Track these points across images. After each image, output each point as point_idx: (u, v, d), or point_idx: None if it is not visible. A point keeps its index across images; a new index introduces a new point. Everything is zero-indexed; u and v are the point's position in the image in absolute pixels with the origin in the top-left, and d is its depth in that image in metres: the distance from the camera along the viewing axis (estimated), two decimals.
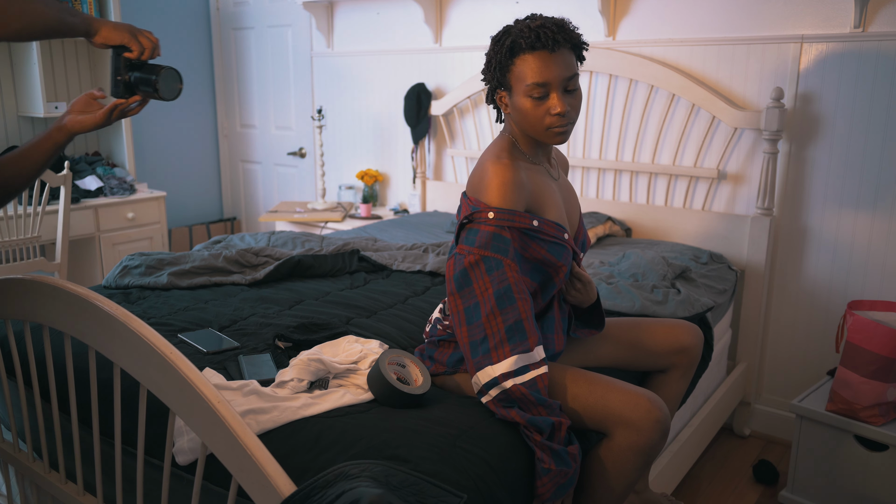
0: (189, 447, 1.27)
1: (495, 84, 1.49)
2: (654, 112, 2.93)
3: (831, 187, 2.59)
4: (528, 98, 1.42)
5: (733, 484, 2.50)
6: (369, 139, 3.96)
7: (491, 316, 1.36)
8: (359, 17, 3.84)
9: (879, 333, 2.09)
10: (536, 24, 1.40)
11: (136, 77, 1.37)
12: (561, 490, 1.30)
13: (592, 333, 1.68)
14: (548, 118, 1.43)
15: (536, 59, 1.40)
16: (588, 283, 1.59)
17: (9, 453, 1.53)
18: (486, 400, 1.37)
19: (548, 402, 1.34)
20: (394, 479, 1.03)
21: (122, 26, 1.34)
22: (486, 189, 1.42)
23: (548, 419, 1.31)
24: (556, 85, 1.41)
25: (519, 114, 1.46)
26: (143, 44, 1.36)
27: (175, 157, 4.57)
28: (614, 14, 2.98)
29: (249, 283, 2.30)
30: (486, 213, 1.40)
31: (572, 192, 1.64)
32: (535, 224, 1.44)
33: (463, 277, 1.40)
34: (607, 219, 2.94)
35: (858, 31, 2.44)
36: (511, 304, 1.37)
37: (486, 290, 1.37)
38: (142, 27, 1.63)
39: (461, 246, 1.42)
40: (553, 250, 1.47)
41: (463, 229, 1.45)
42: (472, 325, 1.38)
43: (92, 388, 1.25)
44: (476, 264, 1.39)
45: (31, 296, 1.25)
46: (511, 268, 1.39)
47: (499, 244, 1.39)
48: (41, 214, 3.16)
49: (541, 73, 1.40)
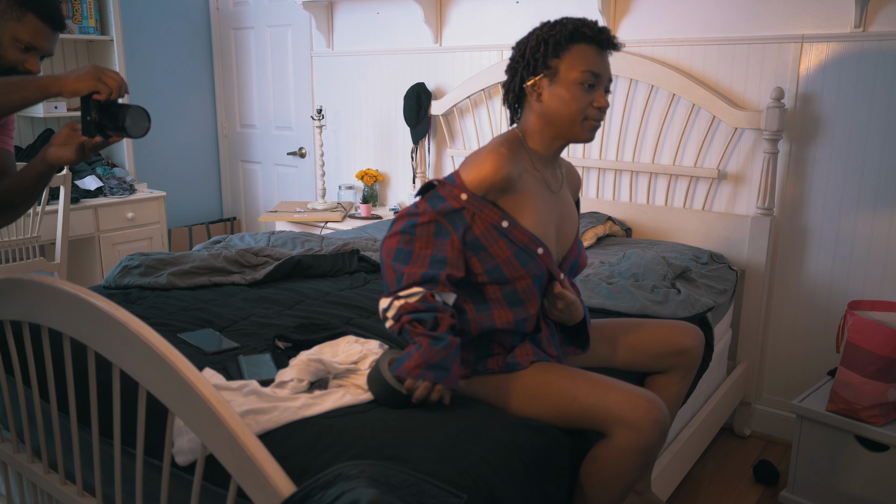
0: (189, 447, 1.27)
1: (532, 69, 1.48)
2: (654, 112, 2.93)
3: (832, 187, 2.59)
4: (577, 85, 1.44)
5: (733, 484, 2.50)
6: (369, 139, 3.96)
7: (416, 268, 1.41)
8: (359, 17, 3.84)
9: (880, 333, 2.09)
10: (595, 23, 1.47)
11: (103, 117, 1.44)
12: (431, 369, 1.35)
13: (577, 352, 1.66)
14: (590, 110, 1.46)
15: (594, 51, 1.46)
16: (572, 303, 1.54)
17: (8, 453, 1.53)
18: (388, 324, 1.43)
19: (437, 307, 1.40)
20: (393, 479, 1.03)
21: (85, 74, 1.40)
22: (471, 169, 1.44)
23: (431, 314, 1.38)
24: (604, 81, 1.47)
25: (558, 101, 1.46)
26: (109, 84, 1.41)
27: (175, 157, 4.57)
28: (614, 14, 2.98)
29: (249, 284, 2.30)
30: (460, 193, 1.43)
31: (571, 211, 1.61)
32: (504, 225, 1.44)
33: (410, 227, 1.43)
34: (607, 219, 2.94)
35: (859, 31, 2.44)
36: (436, 270, 1.41)
37: (425, 252, 1.42)
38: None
39: (422, 202, 1.45)
40: (519, 256, 1.45)
41: (431, 189, 1.47)
42: (397, 263, 1.42)
43: (91, 389, 1.25)
44: (428, 224, 1.43)
45: (30, 296, 1.25)
46: (453, 244, 1.42)
47: (455, 221, 1.43)
48: (41, 214, 3.16)
49: (597, 64, 1.45)
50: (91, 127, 1.44)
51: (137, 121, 1.43)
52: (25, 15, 1.45)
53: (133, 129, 1.43)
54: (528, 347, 1.51)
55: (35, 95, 1.38)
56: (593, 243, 2.84)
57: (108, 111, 1.43)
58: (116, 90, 1.42)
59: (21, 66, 1.49)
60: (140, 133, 1.44)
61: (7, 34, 1.45)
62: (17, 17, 1.45)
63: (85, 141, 1.47)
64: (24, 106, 1.40)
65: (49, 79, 1.39)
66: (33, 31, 1.47)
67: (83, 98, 1.42)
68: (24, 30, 1.46)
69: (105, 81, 1.41)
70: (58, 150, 1.49)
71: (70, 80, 1.39)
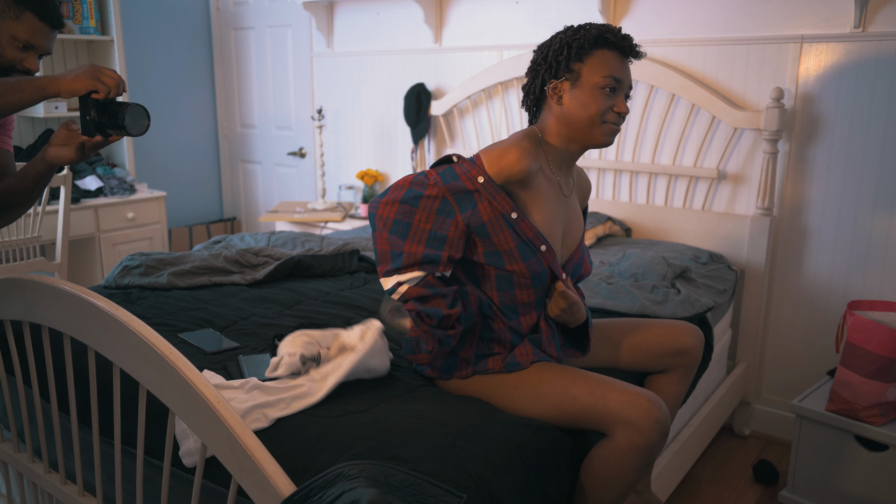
0: (196, 448, 1.27)
1: (554, 72, 1.49)
2: (654, 112, 2.93)
3: (831, 187, 2.59)
4: (598, 90, 1.45)
5: (733, 484, 2.50)
6: (369, 139, 3.96)
7: (414, 246, 1.41)
8: (359, 17, 3.84)
9: (879, 333, 2.09)
10: (619, 30, 1.49)
11: (102, 116, 1.44)
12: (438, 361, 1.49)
13: (576, 355, 1.66)
14: (610, 114, 1.47)
15: (616, 57, 1.47)
16: (574, 303, 1.54)
17: (9, 453, 1.53)
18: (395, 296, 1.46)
19: (442, 291, 1.43)
20: (393, 479, 1.03)
21: (83, 74, 1.40)
22: (494, 157, 1.43)
23: (439, 311, 1.41)
24: (624, 87, 1.49)
25: (579, 105, 1.47)
26: (107, 83, 1.42)
27: (175, 157, 4.57)
28: (614, 14, 2.98)
29: (249, 284, 2.30)
30: (478, 176, 1.42)
31: (578, 217, 1.63)
32: (513, 216, 1.44)
33: (414, 198, 1.42)
34: (607, 219, 2.94)
35: (858, 31, 2.44)
36: (436, 250, 1.42)
37: (423, 227, 1.42)
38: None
39: (432, 173, 1.44)
40: (521, 249, 1.46)
41: (445, 163, 1.46)
42: (393, 237, 1.42)
43: (91, 389, 1.25)
44: (433, 198, 1.42)
45: (30, 296, 1.25)
46: (458, 226, 1.42)
47: (464, 202, 1.42)
48: (41, 214, 3.16)
49: (619, 70, 1.47)
50: (90, 126, 1.44)
51: (137, 119, 1.43)
52: (23, 13, 1.46)
53: (133, 128, 1.43)
54: (528, 347, 1.52)
55: (33, 96, 1.38)
56: (593, 243, 2.84)
57: (107, 110, 1.43)
58: (115, 88, 1.43)
59: (19, 64, 1.49)
60: (140, 131, 1.45)
61: (5, 33, 1.46)
62: (15, 16, 1.45)
63: (85, 140, 1.48)
64: (23, 107, 1.40)
65: (47, 79, 1.40)
66: (31, 29, 1.47)
67: (81, 97, 1.42)
68: (21, 28, 1.46)
69: (103, 80, 1.41)
70: (58, 150, 1.49)
71: (68, 79, 1.39)
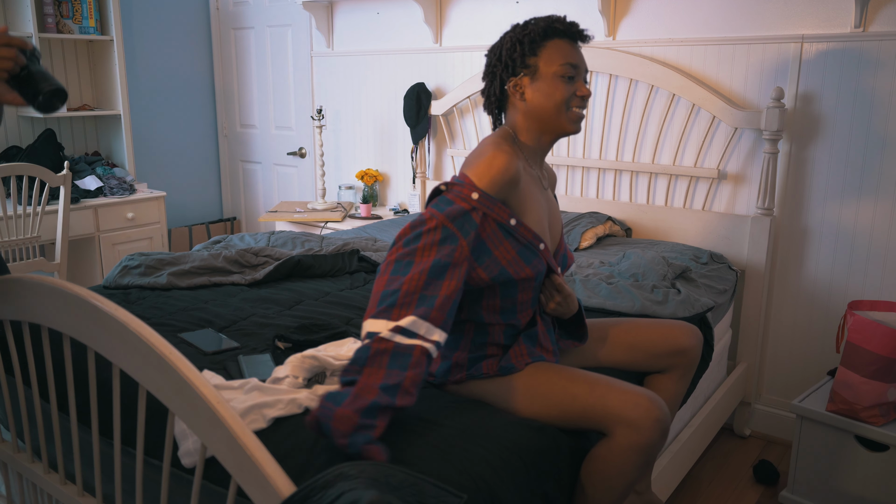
0: (195, 448, 1.27)
1: (512, 70, 1.49)
2: (654, 112, 2.93)
3: (831, 187, 2.59)
4: (559, 78, 1.47)
5: (733, 484, 2.50)
6: (369, 139, 3.96)
7: (416, 277, 1.30)
8: (359, 17, 3.84)
9: (880, 333, 2.09)
10: (565, 18, 1.51)
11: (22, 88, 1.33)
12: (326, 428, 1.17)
13: (576, 345, 1.67)
14: (574, 99, 1.49)
15: (568, 44, 1.50)
16: (568, 296, 1.56)
17: (8, 453, 1.53)
18: None
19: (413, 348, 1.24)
20: (393, 479, 1.03)
21: None
22: (481, 168, 1.40)
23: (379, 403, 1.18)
24: (582, 72, 1.50)
25: (542, 96, 1.47)
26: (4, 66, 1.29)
27: (175, 157, 4.57)
28: (614, 14, 2.98)
29: (249, 284, 2.30)
30: (470, 193, 1.39)
31: (556, 207, 1.64)
32: (512, 223, 1.43)
33: (415, 237, 1.35)
34: (607, 219, 2.94)
35: (859, 30, 2.44)
36: (440, 280, 1.32)
37: (428, 256, 1.33)
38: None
39: (430, 209, 1.38)
40: (523, 254, 1.45)
41: (437, 195, 1.43)
42: (393, 277, 1.32)
43: (91, 389, 1.25)
44: (434, 230, 1.35)
45: (30, 296, 1.25)
46: (462, 251, 1.35)
47: (464, 224, 1.37)
48: (41, 214, 3.16)
49: (574, 56, 1.49)
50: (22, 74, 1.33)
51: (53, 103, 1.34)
52: None
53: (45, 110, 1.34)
54: (522, 348, 1.51)
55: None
56: (593, 243, 2.84)
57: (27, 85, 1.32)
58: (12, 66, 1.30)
59: None
60: (49, 113, 1.38)
61: None
62: None
63: None
64: None
65: None
66: None
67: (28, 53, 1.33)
68: None
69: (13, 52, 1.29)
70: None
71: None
